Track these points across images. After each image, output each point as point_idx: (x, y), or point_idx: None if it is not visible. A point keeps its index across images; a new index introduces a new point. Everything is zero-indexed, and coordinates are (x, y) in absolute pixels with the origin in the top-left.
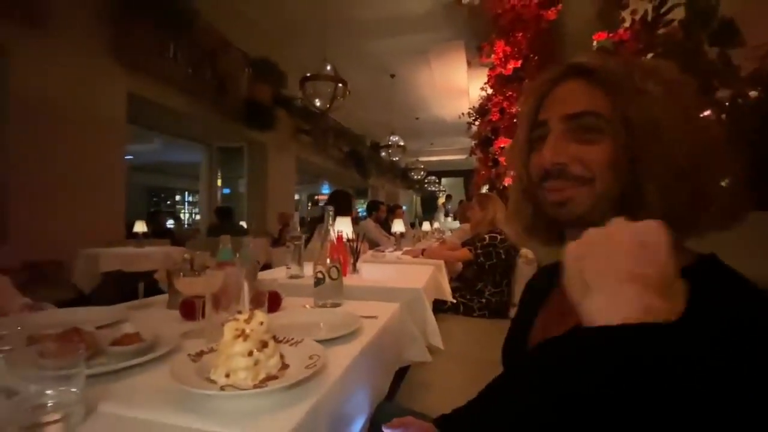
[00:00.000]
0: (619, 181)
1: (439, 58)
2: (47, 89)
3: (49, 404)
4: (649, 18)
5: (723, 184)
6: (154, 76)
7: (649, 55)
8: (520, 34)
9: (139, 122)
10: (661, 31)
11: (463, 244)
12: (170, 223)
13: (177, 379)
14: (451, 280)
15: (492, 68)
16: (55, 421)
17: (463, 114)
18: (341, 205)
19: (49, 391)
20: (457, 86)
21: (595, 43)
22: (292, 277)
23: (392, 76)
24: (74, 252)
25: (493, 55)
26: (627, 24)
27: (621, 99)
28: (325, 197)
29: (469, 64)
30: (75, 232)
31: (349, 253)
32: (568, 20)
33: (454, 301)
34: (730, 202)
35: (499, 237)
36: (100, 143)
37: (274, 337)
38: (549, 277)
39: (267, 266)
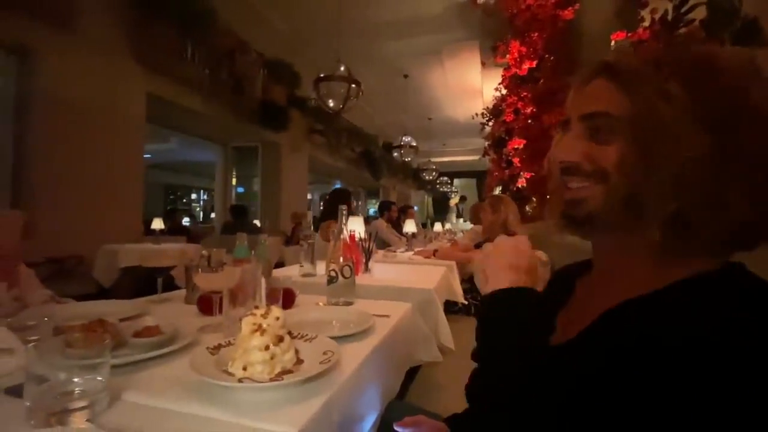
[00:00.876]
0: (631, 181)
1: (453, 59)
2: (71, 89)
3: (75, 391)
4: (670, 17)
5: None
6: (173, 76)
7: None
8: (536, 34)
9: (157, 122)
10: (681, 30)
11: (476, 246)
12: (186, 221)
13: (196, 370)
14: (462, 281)
15: (507, 68)
16: (82, 408)
17: (476, 114)
18: (340, 202)
19: (76, 379)
20: (470, 87)
21: (613, 42)
22: (305, 275)
23: (405, 76)
24: (95, 248)
25: (507, 56)
26: (646, 23)
27: (639, 100)
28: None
29: (484, 64)
30: (95, 228)
31: (361, 252)
32: (585, 20)
33: (466, 302)
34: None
35: None
36: (120, 142)
37: (290, 333)
38: (564, 280)
39: (280, 264)
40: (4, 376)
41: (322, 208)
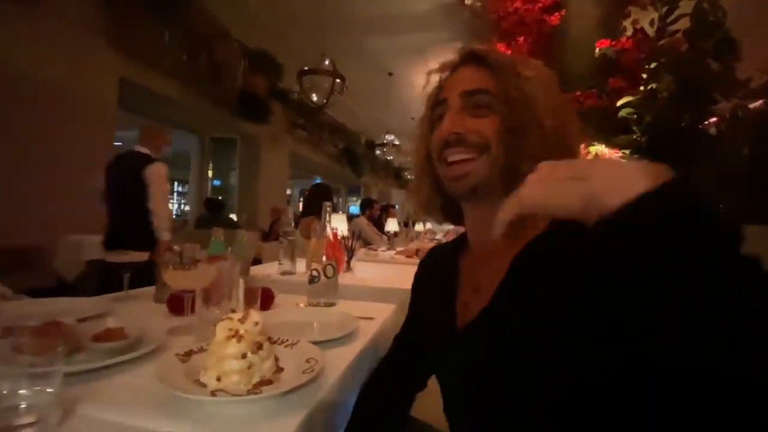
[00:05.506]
0: (507, 152)
1: (438, 59)
2: (34, 68)
3: (22, 405)
4: (655, 27)
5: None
6: (148, 61)
7: (652, 65)
8: (522, 38)
9: (131, 108)
10: (663, 41)
11: None
12: None
13: (164, 381)
14: None
15: None
16: (29, 425)
17: None
18: (322, 199)
19: (22, 391)
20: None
21: (597, 50)
22: (284, 273)
23: (390, 74)
24: (57, 238)
25: None
26: (629, 33)
27: (504, 80)
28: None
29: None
30: (58, 217)
31: (344, 251)
32: (571, 26)
33: None
34: None
35: None
36: (88, 127)
37: (269, 338)
38: (444, 265)
39: (257, 261)
40: None
41: (302, 204)
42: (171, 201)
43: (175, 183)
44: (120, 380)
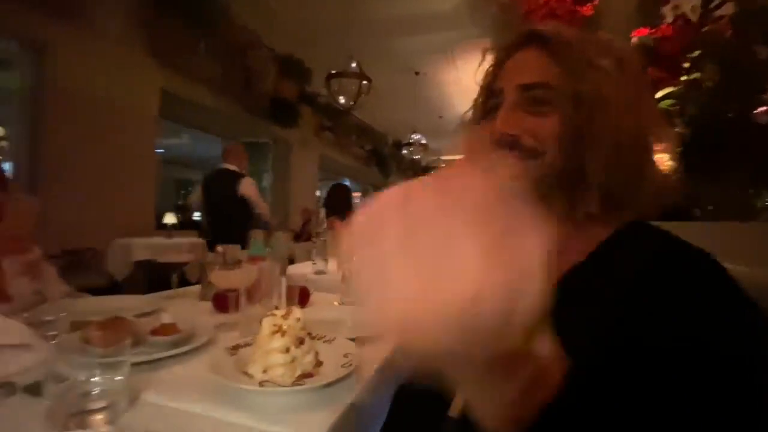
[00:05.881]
0: (566, 155)
1: (466, 56)
2: (86, 84)
3: (95, 391)
4: (697, 13)
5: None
6: (186, 72)
7: (695, 53)
8: None
9: (170, 117)
10: (706, 28)
11: None
12: (197, 216)
13: (217, 373)
14: None
15: None
16: (102, 409)
17: None
18: (340, 200)
19: (95, 379)
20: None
21: (634, 39)
22: (317, 272)
23: (417, 73)
24: (108, 241)
25: None
26: (669, 20)
27: (573, 72)
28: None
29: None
30: (109, 221)
31: None
32: (605, 17)
33: None
34: (663, 183)
35: None
36: (134, 137)
37: (309, 334)
38: None
39: (290, 261)
40: (23, 373)
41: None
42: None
43: None
44: (176, 371)
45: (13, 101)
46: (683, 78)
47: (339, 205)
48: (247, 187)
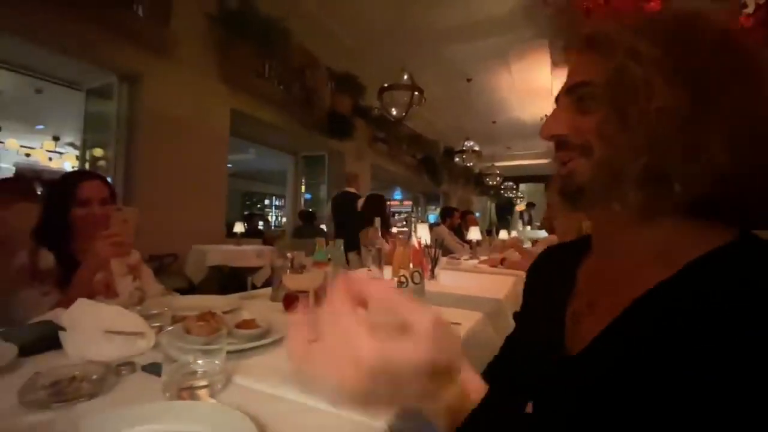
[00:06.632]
0: (616, 150)
1: (520, 59)
2: (170, 109)
3: (198, 372)
4: None
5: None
6: (252, 93)
7: None
8: None
9: (238, 134)
10: None
11: None
12: (261, 225)
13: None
14: None
15: None
16: (204, 386)
17: (545, 116)
18: (375, 209)
19: (199, 361)
20: (539, 87)
21: None
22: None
23: (469, 80)
24: (186, 247)
25: None
26: (750, 10)
27: (611, 63)
28: (397, 203)
29: (556, 64)
30: (187, 230)
31: (427, 259)
32: (675, 8)
33: None
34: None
35: None
36: (208, 154)
37: None
38: (560, 270)
39: None
40: (140, 355)
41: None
42: (270, 214)
43: (273, 198)
44: (258, 360)
45: (111, 126)
46: None
47: (374, 215)
48: (362, 205)
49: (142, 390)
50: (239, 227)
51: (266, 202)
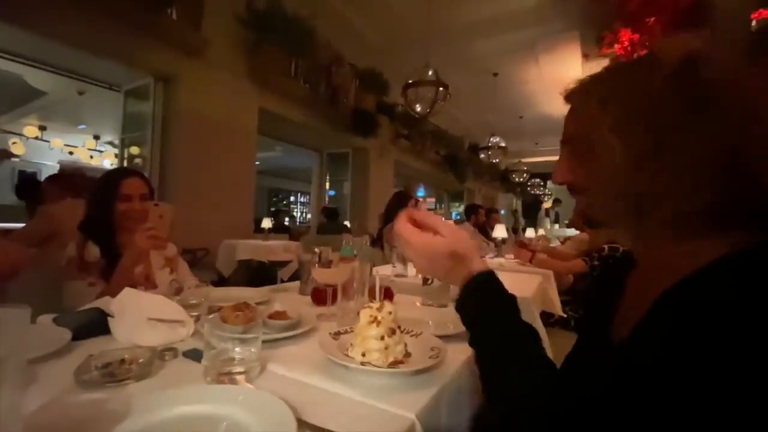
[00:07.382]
0: (605, 192)
1: (549, 53)
2: (202, 108)
3: (236, 359)
4: None
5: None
6: (279, 92)
7: None
8: (653, 18)
9: (265, 132)
10: None
11: (583, 258)
12: (287, 221)
13: (326, 351)
14: (560, 293)
15: (615, 59)
16: (242, 372)
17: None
18: (400, 206)
19: (237, 349)
20: (568, 80)
21: (753, 22)
22: (397, 275)
23: (495, 74)
24: (217, 242)
25: (616, 45)
26: None
27: (580, 117)
28: (421, 200)
29: (586, 56)
30: (218, 225)
31: None
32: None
33: (564, 315)
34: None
35: (621, 249)
36: (237, 152)
37: (399, 326)
38: (612, 283)
39: None
40: (181, 342)
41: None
42: (296, 210)
43: (299, 194)
44: (290, 349)
45: (147, 125)
46: None
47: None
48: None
49: (184, 374)
50: (267, 223)
51: (291, 198)
